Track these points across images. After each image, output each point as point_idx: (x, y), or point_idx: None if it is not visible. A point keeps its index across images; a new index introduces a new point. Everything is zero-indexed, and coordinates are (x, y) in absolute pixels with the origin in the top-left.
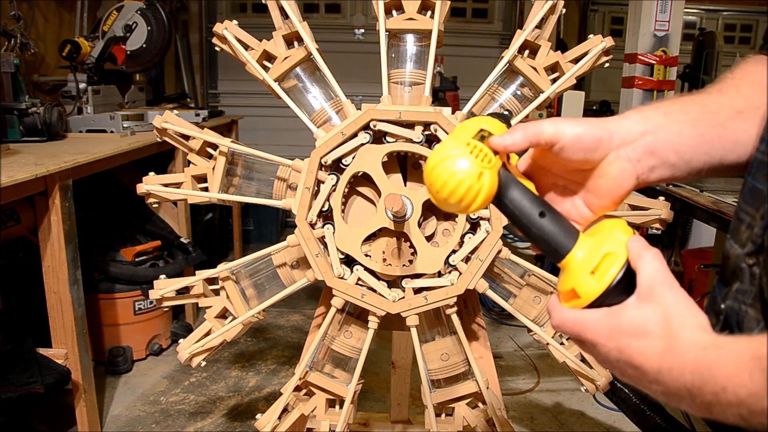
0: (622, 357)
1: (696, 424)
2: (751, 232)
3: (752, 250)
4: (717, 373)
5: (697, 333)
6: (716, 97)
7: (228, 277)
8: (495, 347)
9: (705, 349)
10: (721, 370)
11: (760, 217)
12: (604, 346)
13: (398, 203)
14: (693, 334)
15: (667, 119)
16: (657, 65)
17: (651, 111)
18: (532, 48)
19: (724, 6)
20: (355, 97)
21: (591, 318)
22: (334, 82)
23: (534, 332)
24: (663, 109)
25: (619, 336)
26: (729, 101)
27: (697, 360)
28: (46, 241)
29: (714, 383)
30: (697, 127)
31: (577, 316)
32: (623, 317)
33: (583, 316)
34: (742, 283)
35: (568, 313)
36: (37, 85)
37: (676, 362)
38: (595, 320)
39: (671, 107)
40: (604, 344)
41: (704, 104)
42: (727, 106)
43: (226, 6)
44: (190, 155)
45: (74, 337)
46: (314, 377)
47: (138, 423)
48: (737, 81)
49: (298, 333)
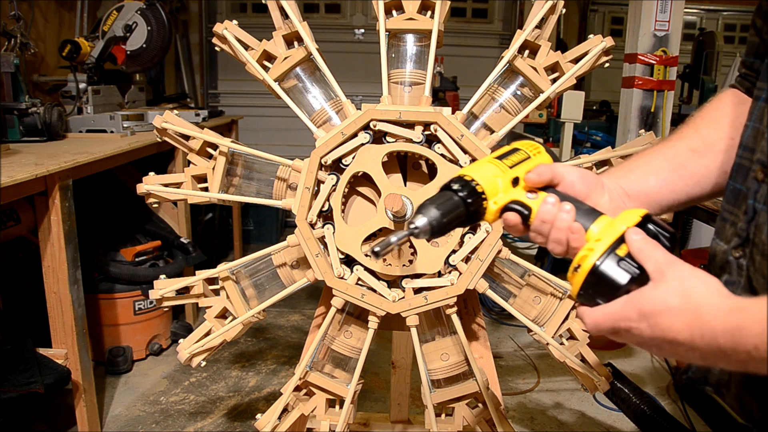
0: (655, 334)
1: (696, 424)
2: (735, 228)
3: (738, 243)
4: (747, 333)
5: (718, 298)
6: (675, 143)
7: (228, 277)
8: (495, 347)
9: (731, 312)
10: (751, 330)
11: (743, 213)
12: (637, 328)
13: (398, 203)
14: (714, 300)
15: (632, 174)
16: (657, 65)
17: (621, 170)
18: (532, 48)
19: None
20: (355, 97)
21: (615, 307)
22: (334, 82)
23: (534, 332)
24: (629, 167)
25: (647, 316)
26: (686, 144)
27: (725, 324)
28: (46, 241)
29: (746, 343)
30: (659, 173)
31: (605, 311)
32: (644, 299)
33: (608, 308)
34: (731, 275)
35: (597, 312)
36: (37, 85)
37: (705, 329)
38: (620, 307)
39: (637, 163)
40: (637, 326)
41: (664, 152)
42: (684, 150)
43: (226, 6)
44: (190, 155)
45: (74, 337)
46: (314, 377)
47: (138, 423)
48: (698, 122)
49: (298, 333)
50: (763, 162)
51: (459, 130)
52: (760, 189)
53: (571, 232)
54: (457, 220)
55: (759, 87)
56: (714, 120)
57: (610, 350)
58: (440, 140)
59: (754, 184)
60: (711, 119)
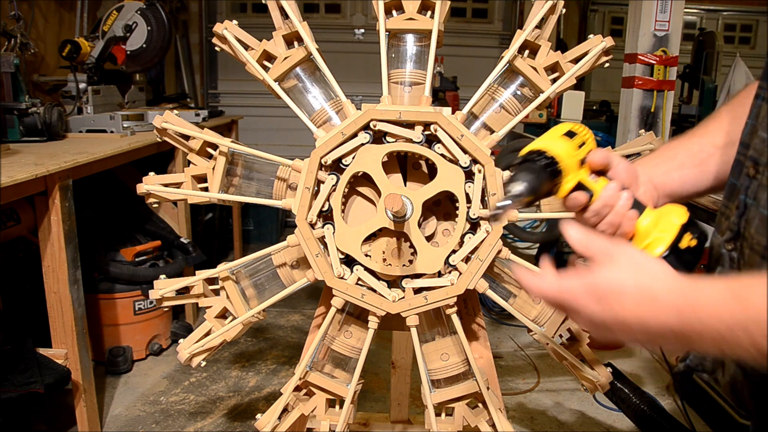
0: (606, 315)
1: (696, 424)
2: (728, 222)
3: (730, 237)
4: (700, 313)
5: (671, 279)
6: (700, 139)
7: (228, 277)
8: (495, 347)
9: (683, 291)
10: (704, 310)
11: (736, 208)
12: (587, 307)
13: (398, 203)
14: (667, 280)
15: (659, 168)
16: (657, 65)
17: (648, 164)
18: (532, 48)
19: (724, 6)
20: (355, 97)
21: (570, 285)
22: (334, 82)
23: (534, 332)
24: (656, 161)
25: (601, 298)
26: (711, 140)
27: (677, 303)
28: (46, 241)
29: (698, 322)
30: (682, 169)
31: (559, 285)
32: (598, 281)
33: (562, 283)
34: (723, 268)
35: (547, 283)
36: (37, 85)
37: (656, 309)
38: (574, 286)
39: (664, 157)
40: (586, 305)
41: (690, 148)
42: (708, 146)
43: (226, 6)
44: (190, 155)
45: (74, 337)
46: (314, 377)
47: (138, 423)
48: (724, 116)
49: (298, 333)
50: (754, 158)
51: (459, 130)
52: (751, 185)
53: (626, 218)
54: (541, 194)
55: (760, 85)
56: (739, 116)
57: (610, 350)
58: (440, 140)
59: (746, 180)
60: (736, 115)
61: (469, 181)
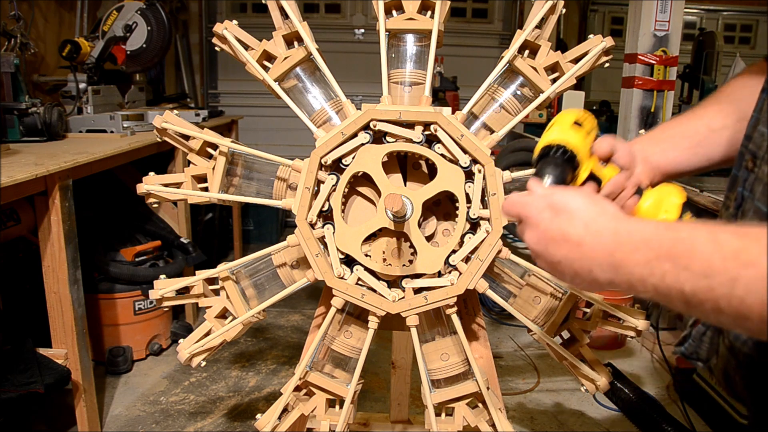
0: (553, 225)
1: (696, 424)
2: (728, 212)
3: None
4: (634, 235)
5: (619, 213)
6: (697, 121)
7: (228, 277)
8: (495, 347)
9: (625, 219)
10: (638, 233)
11: (734, 199)
12: (540, 216)
13: (398, 203)
14: (616, 212)
15: (656, 147)
16: (657, 65)
17: (647, 142)
18: (532, 48)
19: (724, 6)
20: (355, 97)
21: (533, 198)
22: (334, 82)
23: (534, 332)
24: (655, 140)
25: (553, 207)
26: (707, 123)
27: (616, 227)
28: (46, 241)
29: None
30: (677, 149)
31: (524, 197)
32: (558, 195)
33: (528, 197)
34: None
35: (515, 196)
36: (37, 85)
37: (596, 229)
38: (533, 198)
39: (662, 136)
40: (540, 215)
41: (686, 128)
42: (704, 128)
43: (226, 6)
44: (190, 155)
45: (74, 337)
46: (314, 377)
47: (138, 423)
48: (722, 98)
49: (298, 333)
50: (753, 151)
51: (459, 130)
52: (749, 177)
53: (629, 204)
54: (566, 186)
55: (767, 79)
56: (738, 99)
57: (610, 350)
58: (440, 140)
59: (745, 172)
60: (735, 98)
61: (469, 181)
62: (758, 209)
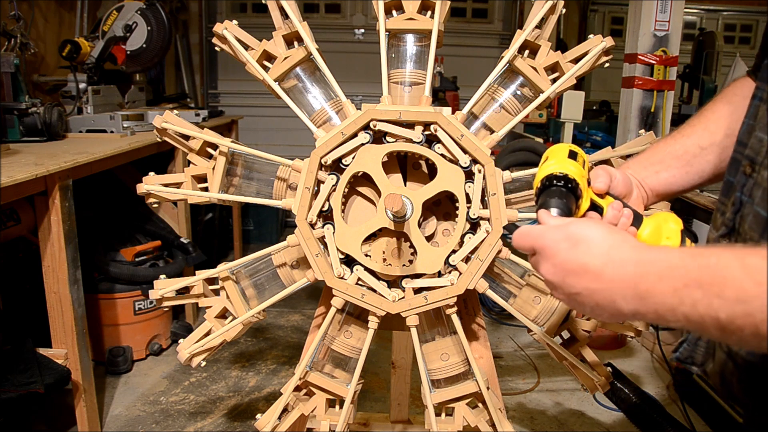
0: (570, 256)
1: (696, 424)
2: (723, 218)
3: (725, 233)
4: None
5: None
6: (686, 140)
7: (228, 277)
8: (495, 347)
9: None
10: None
11: (731, 204)
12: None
13: (398, 203)
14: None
15: (648, 170)
16: (657, 65)
17: (638, 166)
18: (532, 48)
19: (724, 6)
20: (355, 97)
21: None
22: (334, 82)
23: (534, 332)
24: (645, 163)
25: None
26: (695, 141)
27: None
28: (46, 241)
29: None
30: (669, 170)
31: (540, 229)
32: (574, 227)
33: (543, 228)
34: None
35: (529, 228)
36: (37, 85)
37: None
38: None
39: (652, 159)
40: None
41: (676, 149)
42: (693, 147)
43: (226, 6)
44: (190, 155)
45: (74, 337)
46: (314, 377)
47: (138, 423)
48: (709, 116)
49: (298, 333)
50: (751, 157)
51: (459, 130)
52: (747, 182)
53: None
54: (570, 216)
55: (758, 86)
56: (723, 116)
57: (610, 350)
58: (440, 140)
59: (742, 177)
60: (721, 115)
61: (469, 181)
62: (758, 214)
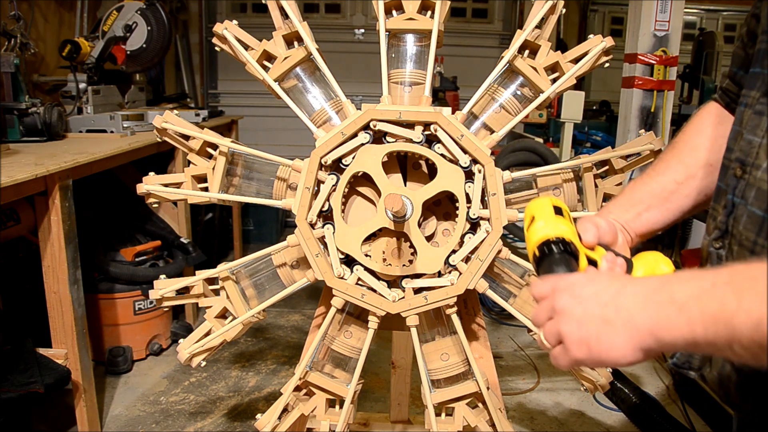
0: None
1: (696, 423)
2: (715, 222)
3: (718, 235)
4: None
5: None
6: (662, 178)
7: (228, 277)
8: (495, 347)
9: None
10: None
11: (723, 208)
12: (564, 300)
13: (398, 203)
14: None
15: (630, 213)
16: (657, 65)
17: (619, 209)
18: (532, 48)
19: (724, 6)
20: (355, 97)
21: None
22: (334, 82)
23: (534, 332)
24: (626, 205)
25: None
26: (672, 177)
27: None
28: (46, 241)
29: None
30: (649, 210)
31: (547, 282)
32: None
33: (548, 282)
34: (711, 265)
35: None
36: (37, 85)
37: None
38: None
39: (631, 201)
40: (567, 299)
41: (653, 188)
42: (670, 183)
43: (226, 6)
44: (190, 155)
45: (74, 337)
46: (314, 377)
47: (138, 423)
48: (681, 148)
49: (298, 333)
50: (741, 159)
51: (459, 130)
52: (738, 184)
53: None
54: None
55: (743, 94)
56: (696, 147)
57: None
58: (440, 140)
59: (733, 180)
60: (693, 146)
61: (469, 181)
62: (753, 214)
